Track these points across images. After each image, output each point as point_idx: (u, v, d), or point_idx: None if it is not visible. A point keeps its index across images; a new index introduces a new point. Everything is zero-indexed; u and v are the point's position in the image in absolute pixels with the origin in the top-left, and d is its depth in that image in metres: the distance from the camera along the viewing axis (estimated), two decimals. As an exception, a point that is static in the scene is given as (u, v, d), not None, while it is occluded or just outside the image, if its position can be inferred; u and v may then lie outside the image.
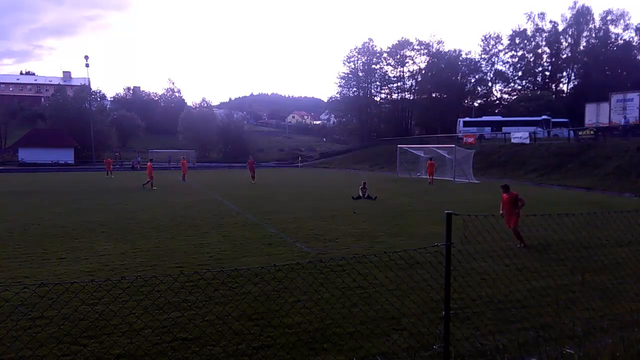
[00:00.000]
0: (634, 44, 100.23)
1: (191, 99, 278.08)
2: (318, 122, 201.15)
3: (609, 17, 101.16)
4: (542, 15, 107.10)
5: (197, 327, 8.11)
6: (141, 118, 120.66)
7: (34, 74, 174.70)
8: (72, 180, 50.13)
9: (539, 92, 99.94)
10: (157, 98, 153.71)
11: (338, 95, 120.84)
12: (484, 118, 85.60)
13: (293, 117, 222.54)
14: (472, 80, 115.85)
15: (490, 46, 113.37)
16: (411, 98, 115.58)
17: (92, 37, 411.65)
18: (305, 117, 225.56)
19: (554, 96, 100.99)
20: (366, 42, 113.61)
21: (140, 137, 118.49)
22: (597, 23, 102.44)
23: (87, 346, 7.45)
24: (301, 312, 8.72)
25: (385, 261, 11.55)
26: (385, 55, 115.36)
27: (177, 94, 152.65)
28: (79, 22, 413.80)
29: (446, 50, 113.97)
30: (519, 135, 59.35)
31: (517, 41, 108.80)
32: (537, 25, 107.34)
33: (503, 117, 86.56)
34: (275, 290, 9.97)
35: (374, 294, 9.93)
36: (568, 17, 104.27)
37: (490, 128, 76.50)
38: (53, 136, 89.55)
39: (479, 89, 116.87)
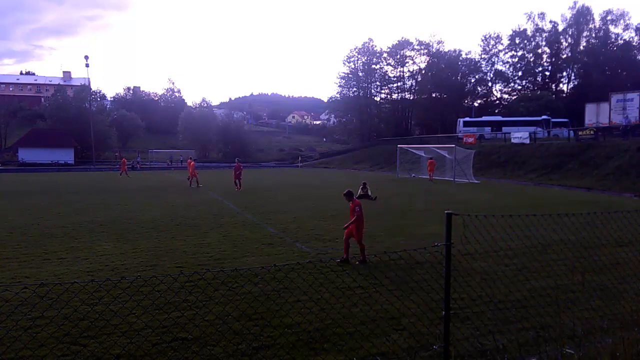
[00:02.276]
0: (634, 44, 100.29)
1: (191, 99, 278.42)
2: (318, 122, 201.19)
3: (609, 17, 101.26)
4: (542, 15, 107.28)
5: (197, 327, 8.11)
6: (141, 118, 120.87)
7: (34, 74, 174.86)
8: (72, 180, 50.10)
9: (539, 92, 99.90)
10: (157, 98, 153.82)
11: (338, 95, 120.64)
12: (484, 118, 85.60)
13: (293, 117, 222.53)
14: (472, 80, 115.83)
15: (490, 46, 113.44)
16: (411, 98, 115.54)
17: (92, 37, 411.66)
18: (305, 117, 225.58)
19: (554, 96, 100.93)
20: (366, 42, 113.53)
21: (141, 137, 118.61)
22: (597, 23, 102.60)
23: (87, 346, 7.45)
24: (301, 312, 8.72)
25: (385, 261, 11.56)
26: (385, 55, 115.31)
27: (177, 94, 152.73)
28: (79, 22, 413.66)
29: (446, 50, 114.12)
30: (519, 135, 59.36)
31: (517, 41, 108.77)
32: (537, 25, 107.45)
33: (503, 117, 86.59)
34: (275, 290, 9.97)
35: (374, 294, 9.92)
36: (568, 17, 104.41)
37: (490, 128, 76.50)
38: (53, 136, 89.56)
39: (479, 89, 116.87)
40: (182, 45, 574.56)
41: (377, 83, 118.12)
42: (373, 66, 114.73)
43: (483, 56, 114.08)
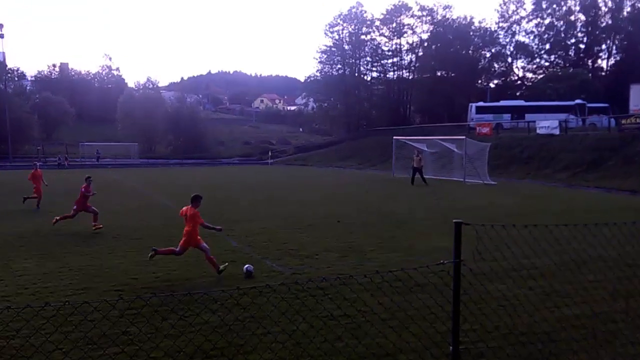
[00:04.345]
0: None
1: (133, 78, 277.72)
2: (293, 108, 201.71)
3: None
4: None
5: (140, 368, 8.08)
6: (70, 103, 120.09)
7: None
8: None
9: (571, 69, 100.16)
10: (90, 77, 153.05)
11: (318, 74, 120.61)
12: (502, 103, 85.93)
13: (261, 101, 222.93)
14: (488, 55, 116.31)
15: (510, 12, 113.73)
16: (410, 77, 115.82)
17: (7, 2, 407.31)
18: (277, 101, 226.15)
19: (590, 75, 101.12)
20: (353, 7, 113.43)
21: (70, 126, 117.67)
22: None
23: (-1, 392, 7.40)
24: (271, 348, 8.72)
25: (378, 283, 11.58)
26: (377, 23, 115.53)
27: (115, 73, 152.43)
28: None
29: (455, 17, 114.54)
30: (547, 125, 59.56)
31: (544, 5, 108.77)
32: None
33: (526, 101, 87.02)
34: (239, 320, 9.96)
35: (364, 324, 9.95)
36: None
37: (509, 115, 76.87)
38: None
39: (495, 66, 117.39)
40: (122, 12, 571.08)
41: (368, 58, 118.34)
42: (362, 37, 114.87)
43: (501, 25, 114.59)
